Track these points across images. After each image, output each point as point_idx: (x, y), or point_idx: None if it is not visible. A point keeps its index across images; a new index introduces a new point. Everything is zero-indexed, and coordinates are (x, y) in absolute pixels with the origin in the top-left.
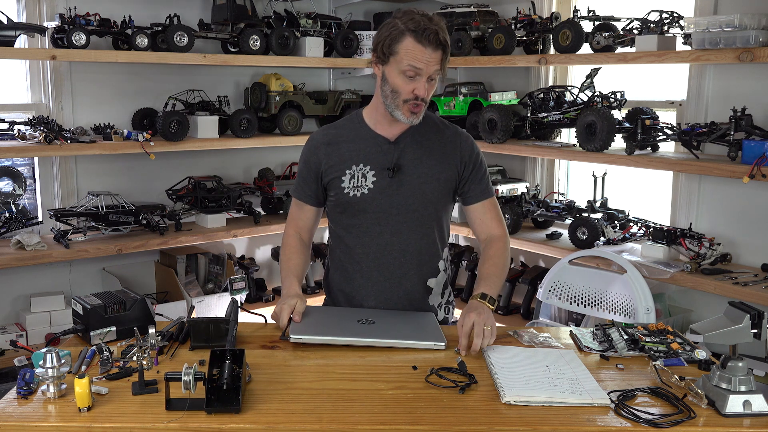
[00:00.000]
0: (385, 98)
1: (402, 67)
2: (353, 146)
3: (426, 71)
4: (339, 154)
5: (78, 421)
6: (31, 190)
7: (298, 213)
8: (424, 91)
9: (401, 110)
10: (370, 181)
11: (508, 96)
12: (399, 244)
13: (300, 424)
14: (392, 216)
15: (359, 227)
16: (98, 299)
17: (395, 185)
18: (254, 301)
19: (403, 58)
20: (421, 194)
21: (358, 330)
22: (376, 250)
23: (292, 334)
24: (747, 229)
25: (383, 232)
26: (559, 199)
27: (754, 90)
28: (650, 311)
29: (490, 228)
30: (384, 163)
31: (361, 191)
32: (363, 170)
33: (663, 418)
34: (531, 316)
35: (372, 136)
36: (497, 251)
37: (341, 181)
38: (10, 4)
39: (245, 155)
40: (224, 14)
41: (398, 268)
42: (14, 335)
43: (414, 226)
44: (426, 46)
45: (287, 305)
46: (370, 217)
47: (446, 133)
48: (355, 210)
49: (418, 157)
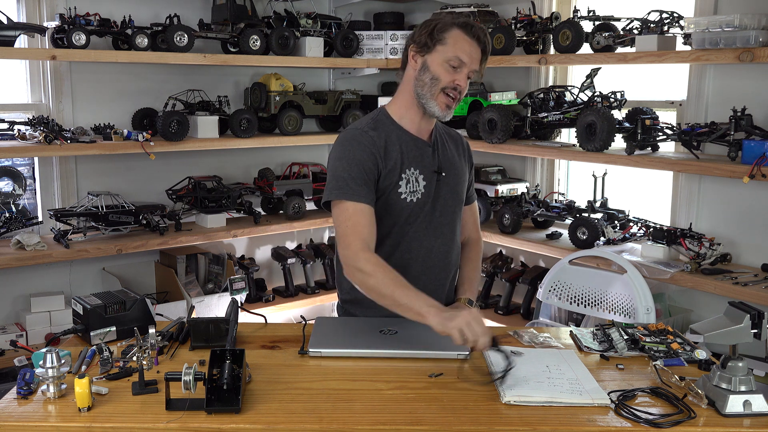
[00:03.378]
0: (421, 87)
1: (447, 56)
2: (399, 149)
3: (469, 65)
4: (391, 158)
5: (78, 421)
6: (31, 190)
7: (364, 219)
8: (464, 82)
9: (436, 101)
10: (422, 185)
11: (508, 96)
12: (442, 246)
13: (300, 424)
14: (436, 218)
15: (407, 231)
16: (98, 299)
17: (440, 188)
18: (254, 301)
19: (450, 47)
20: (457, 195)
21: (381, 341)
22: (424, 254)
23: (312, 348)
24: (747, 229)
25: (428, 235)
26: (559, 199)
27: (754, 90)
28: (650, 311)
29: (470, 231)
30: (429, 166)
31: (416, 196)
32: (415, 174)
33: (663, 418)
34: (531, 316)
35: (412, 139)
36: (477, 254)
37: (398, 186)
38: (10, 4)
39: (245, 155)
40: (224, 14)
41: (443, 270)
42: (14, 335)
43: (453, 228)
44: (473, 39)
45: (474, 319)
46: (420, 220)
47: (453, 135)
48: (407, 214)
49: (449, 158)
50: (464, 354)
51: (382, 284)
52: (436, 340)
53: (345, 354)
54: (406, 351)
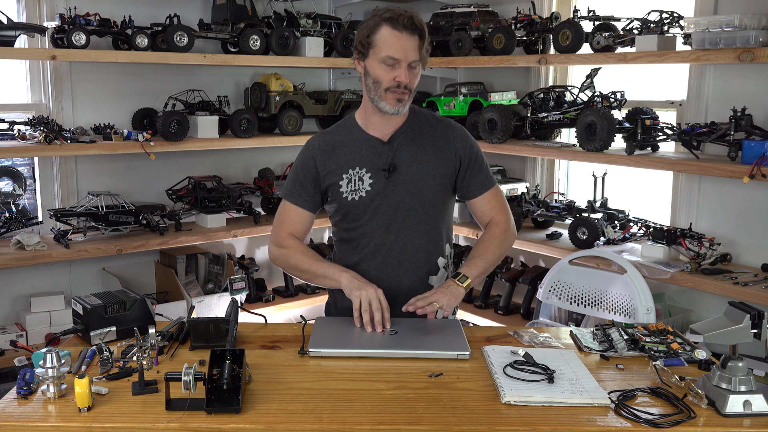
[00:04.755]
0: (369, 91)
1: (380, 56)
2: (348, 150)
3: (404, 58)
4: (335, 159)
5: (78, 421)
6: (31, 190)
7: (293, 217)
8: (405, 77)
9: (385, 100)
10: (367, 183)
11: (508, 96)
12: (399, 243)
13: (300, 424)
14: (391, 216)
15: (360, 230)
16: (98, 299)
17: (391, 185)
18: (254, 301)
19: (381, 48)
20: (418, 192)
21: (381, 341)
22: (374, 250)
23: (312, 348)
24: (747, 229)
25: (383, 233)
26: (559, 199)
27: (754, 90)
28: (650, 311)
29: (491, 216)
30: (379, 164)
31: (359, 194)
32: (359, 173)
33: (663, 418)
34: (531, 316)
35: (365, 138)
36: (492, 235)
37: (339, 186)
38: (10, 4)
39: (245, 155)
40: (224, 14)
41: (397, 266)
42: (14, 335)
43: (413, 225)
44: (402, 31)
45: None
46: (369, 219)
47: (438, 128)
48: (355, 214)
49: (413, 154)
50: (464, 354)
51: (301, 261)
52: (436, 340)
53: (345, 354)
54: (406, 351)
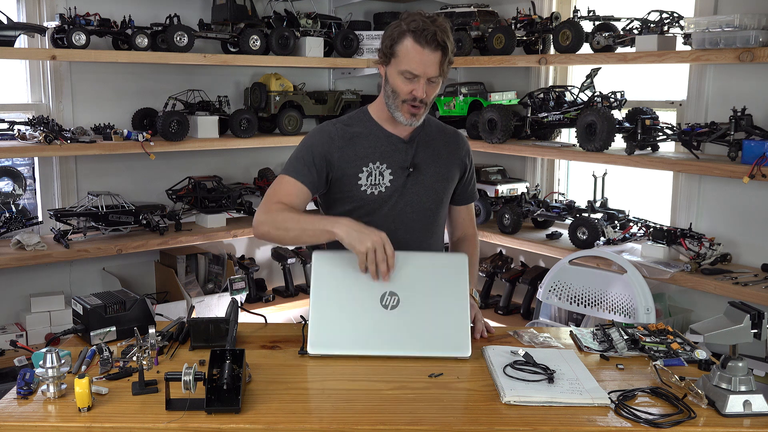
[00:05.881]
0: (387, 98)
1: (401, 69)
2: (367, 143)
3: (424, 74)
4: (354, 150)
5: (78, 421)
6: (31, 190)
7: (290, 189)
8: (422, 92)
9: (401, 111)
10: (387, 179)
11: (508, 96)
12: (411, 242)
13: (300, 424)
14: (407, 214)
15: (369, 222)
16: (98, 299)
17: (410, 184)
18: (254, 301)
19: (402, 60)
20: (434, 193)
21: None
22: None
23: (311, 348)
24: (747, 229)
25: (397, 230)
26: (559, 199)
27: (754, 90)
28: (650, 311)
29: (467, 228)
30: (400, 162)
31: (379, 189)
32: (380, 168)
33: (663, 418)
34: (531, 316)
35: (386, 135)
36: (475, 249)
37: (357, 178)
38: (10, 4)
39: (245, 155)
40: (224, 14)
41: None
42: (14, 335)
43: (426, 224)
44: (424, 46)
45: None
46: (384, 215)
47: (448, 133)
48: (369, 208)
49: (430, 156)
50: (465, 354)
51: (289, 219)
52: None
53: (345, 354)
54: (406, 351)
